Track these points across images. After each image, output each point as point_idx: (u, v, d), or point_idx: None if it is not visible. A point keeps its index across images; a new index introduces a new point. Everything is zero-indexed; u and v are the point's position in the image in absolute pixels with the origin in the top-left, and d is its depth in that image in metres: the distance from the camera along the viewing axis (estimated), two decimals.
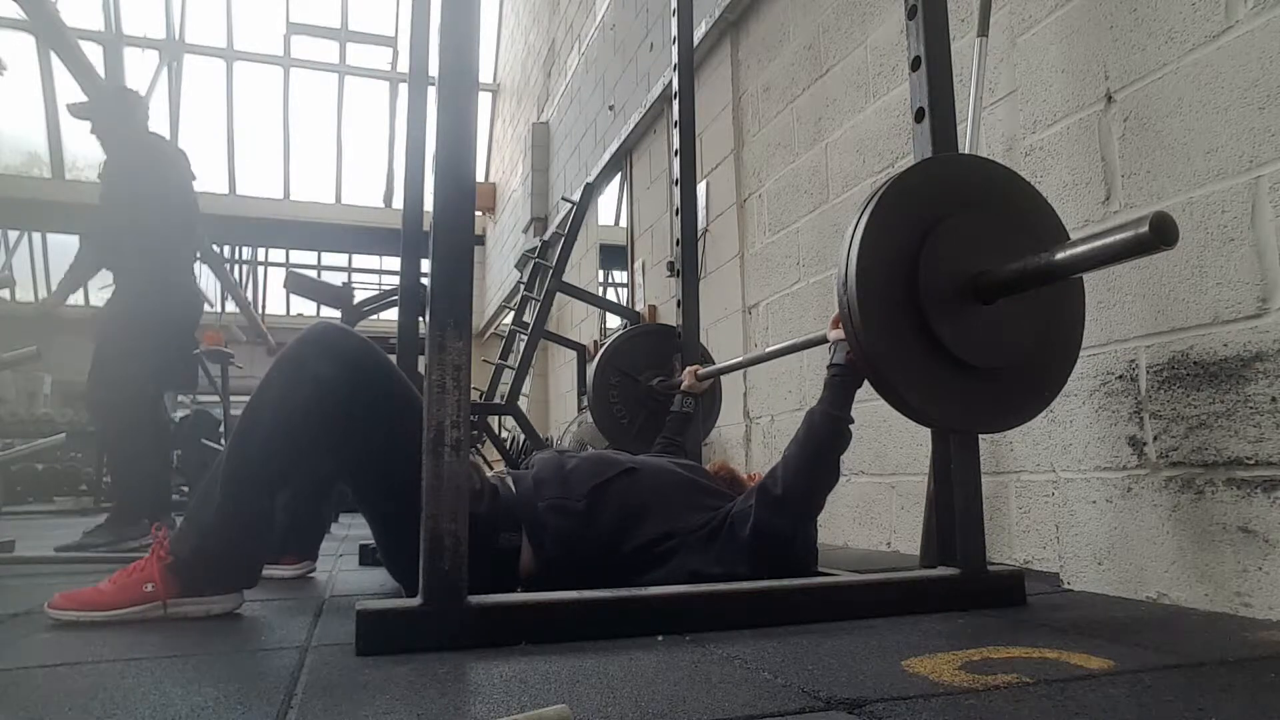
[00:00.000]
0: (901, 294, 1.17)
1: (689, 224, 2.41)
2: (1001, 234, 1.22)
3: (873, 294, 1.15)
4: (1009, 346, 1.22)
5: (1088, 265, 1.07)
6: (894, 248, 1.18)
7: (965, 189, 1.25)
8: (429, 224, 1.23)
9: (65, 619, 1.26)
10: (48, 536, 3.55)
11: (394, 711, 0.77)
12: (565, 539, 1.31)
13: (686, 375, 2.17)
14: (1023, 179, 1.32)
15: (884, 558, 2.18)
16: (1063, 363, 1.30)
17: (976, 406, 1.23)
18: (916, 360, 1.18)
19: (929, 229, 1.19)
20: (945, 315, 1.18)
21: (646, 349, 2.53)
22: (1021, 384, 1.25)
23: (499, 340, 5.03)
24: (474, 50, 1.18)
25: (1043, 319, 1.25)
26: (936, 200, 1.22)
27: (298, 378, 1.26)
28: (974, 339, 1.19)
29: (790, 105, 2.96)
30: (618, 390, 2.49)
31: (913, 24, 1.43)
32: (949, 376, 1.19)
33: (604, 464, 1.42)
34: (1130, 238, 0.94)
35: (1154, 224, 0.91)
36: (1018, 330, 1.23)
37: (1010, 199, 1.28)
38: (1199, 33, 1.33)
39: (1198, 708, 0.75)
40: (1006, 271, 1.16)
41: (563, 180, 6.84)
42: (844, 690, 0.81)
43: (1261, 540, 1.20)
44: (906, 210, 1.20)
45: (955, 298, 1.19)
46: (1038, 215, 1.29)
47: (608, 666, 0.93)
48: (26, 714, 0.77)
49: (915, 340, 1.18)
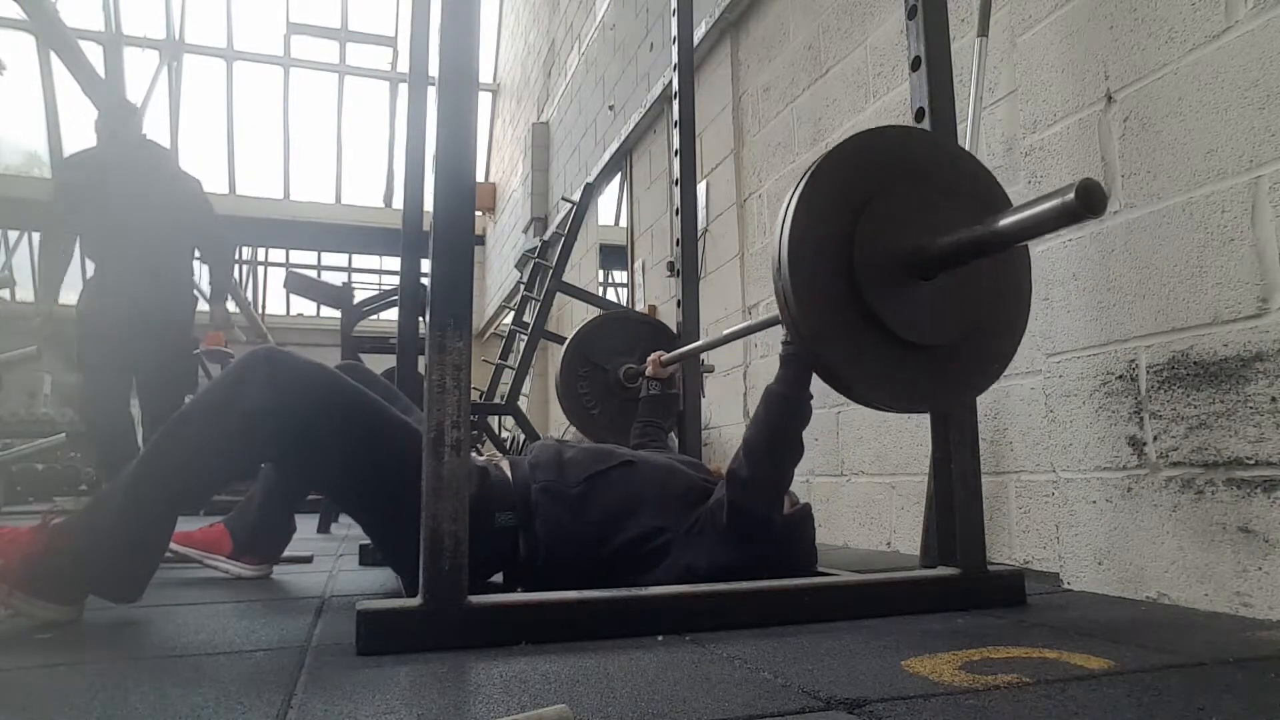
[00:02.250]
0: (837, 274, 1.13)
1: (689, 224, 2.41)
2: (942, 206, 1.18)
3: (806, 276, 1.11)
4: (953, 321, 1.18)
5: (1020, 236, 1.04)
6: (828, 226, 1.14)
7: (903, 161, 1.21)
8: (429, 224, 1.23)
9: None
10: None
11: (394, 711, 0.77)
12: (555, 523, 1.31)
13: (650, 362, 2.18)
14: (962, 148, 1.28)
15: (884, 558, 2.18)
16: (1010, 334, 1.26)
17: (922, 385, 1.19)
18: (857, 342, 1.14)
19: (864, 205, 1.15)
20: (884, 294, 1.14)
21: (616, 336, 2.44)
22: (968, 359, 1.22)
23: (499, 340, 5.03)
24: (474, 50, 1.18)
25: (987, 291, 1.21)
26: (872, 174, 1.18)
27: (227, 405, 1.22)
28: (916, 316, 1.15)
29: (790, 105, 2.96)
30: (586, 380, 2.41)
31: (913, 24, 1.43)
32: (892, 356, 1.16)
33: (603, 455, 1.43)
34: (1057, 206, 0.92)
35: (1079, 192, 0.89)
36: (961, 304, 1.19)
37: (951, 169, 1.24)
38: (1199, 33, 1.33)
39: (1198, 708, 0.75)
40: (941, 245, 1.12)
41: (563, 180, 6.84)
42: (844, 690, 0.81)
43: (1261, 540, 1.20)
44: (840, 186, 1.16)
45: (894, 275, 1.15)
46: (980, 184, 1.25)
47: (608, 666, 0.93)
48: (26, 714, 0.77)
49: (854, 322, 1.14)
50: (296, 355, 1.28)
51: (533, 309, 4.07)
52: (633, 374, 2.34)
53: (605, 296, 5.42)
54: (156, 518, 1.26)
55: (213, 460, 1.25)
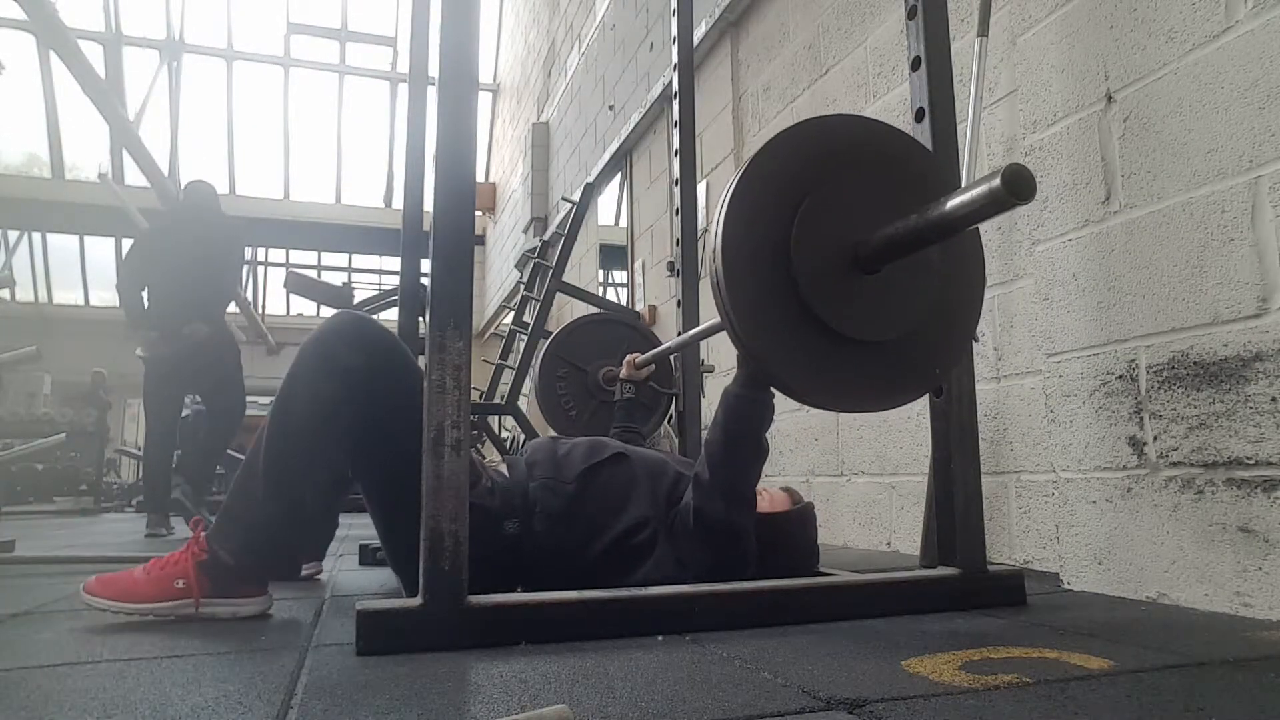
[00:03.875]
0: (774, 274, 1.09)
1: (689, 224, 2.41)
2: (885, 197, 1.13)
3: (741, 277, 1.08)
4: (897, 316, 1.14)
5: (955, 223, 1.01)
6: (764, 223, 1.10)
7: (841, 152, 1.17)
8: (429, 224, 1.23)
9: (97, 606, 1.24)
10: (48, 536, 3.55)
11: (394, 711, 0.77)
12: (553, 518, 1.32)
13: (625, 364, 2.17)
14: (905, 134, 1.25)
15: (884, 558, 2.18)
16: (962, 328, 1.22)
17: (869, 384, 1.15)
18: (797, 343, 1.10)
19: (801, 199, 1.11)
20: (824, 290, 1.10)
21: (596, 338, 2.42)
22: (916, 355, 1.18)
23: (499, 340, 5.02)
24: (474, 50, 1.18)
25: (936, 284, 1.17)
26: (809, 167, 1.14)
27: (327, 369, 1.26)
28: (858, 313, 1.11)
29: (790, 105, 2.96)
30: (565, 382, 2.40)
31: (913, 24, 1.43)
32: (834, 355, 1.12)
33: (596, 448, 1.43)
34: (985, 192, 0.91)
35: (1006, 177, 0.87)
36: (907, 298, 1.15)
37: (893, 157, 1.19)
38: (1199, 33, 1.33)
39: (1198, 708, 0.75)
40: (878, 238, 1.09)
41: (563, 180, 6.84)
42: (844, 690, 0.81)
43: (1261, 540, 1.20)
44: (775, 181, 1.12)
45: (835, 270, 1.11)
46: (924, 171, 1.21)
47: (607, 666, 0.93)
48: (26, 714, 0.77)
49: (794, 322, 1.10)
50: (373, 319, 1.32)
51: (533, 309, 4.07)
52: (612, 376, 2.33)
53: (605, 296, 5.42)
54: (296, 498, 1.29)
55: (327, 427, 1.26)
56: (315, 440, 1.27)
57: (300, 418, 1.27)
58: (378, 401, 1.26)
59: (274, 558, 1.33)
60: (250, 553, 1.29)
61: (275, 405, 1.29)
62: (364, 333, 1.29)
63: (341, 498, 1.81)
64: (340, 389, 1.25)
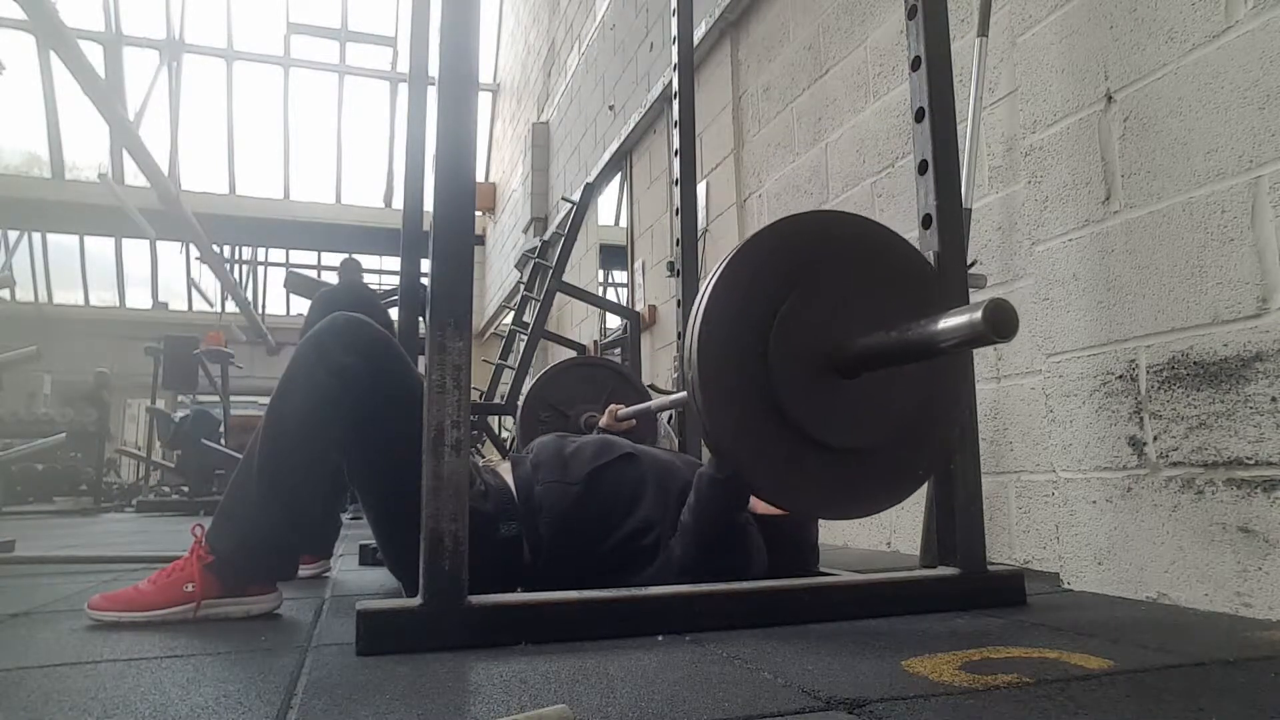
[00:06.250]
0: (751, 372, 1.07)
1: (689, 224, 2.41)
2: (870, 299, 1.10)
3: (715, 373, 1.06)
4: (875, 424, 1.11)
5: (930, 349, 0.98)
6: (741, 323, 1.07)
7: (827, 249, 1.14)
8: (429, 224, 1.23)
9: (105, 619, 1.24)
10: (48, 536, 3.55)
11: (394, 711, 0.77)
12: (559, 520, 1.31)
13: (606, 414, 2.15)
14: (893, 232, 1.23)
15: (884, 558, 2.18)
16: (945, 437, 1.20)
17: (842, 491, 1.12)
18: (769, 444, 1.07)
19: (784, 296, 1.08)
20: (800, 394, 1.06)
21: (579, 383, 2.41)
22: (893, 463, 1.15)
23: (499, 340, 5.03)
24: (474, 50, 1.18)
25: (918, 391, 1.13)
26: (795, 263, 1.11)
27: (323, 369, 1.26)
28: (835, 418, 1.08)
29: (790, 105, 2.96)
30: (547, 426, 2.38)
31: (913, 24, 1.43)
32: (808, 460, 1.09)
33: (605, 447, 1.42)
34: (965, 324, 0.89)
35: (987, 313, 0.86)
36: (886, 405, 1.11)
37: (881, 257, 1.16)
38: (1199, 33, 1.33)
39: (1198, 708, 0.75)
40: (856, 347, 1.06)
41: (563, 180, 6.84)
42: (844, 690, 0.81)
43: (1261, 540, 1.20)
44: (757, 277, 1.09)
45: (814, 373, 1.08)
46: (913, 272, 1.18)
47: (608, 666, 0.93)
48: (26, 714, 0.77)
49: (768, 423, 1.07)
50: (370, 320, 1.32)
51: (533, 309, 4.07)
52: (593, 423, 2.32)
53: (605, 297, 5.42)
54: (293, 496, 1.29)
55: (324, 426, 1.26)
56: (311, 440, 1.27)
57: (296, 417, 1.27)
58: (373, 401, 1.26)
59: (270, 558, 1.32)
60: (246, 552, 1.28)
61: (271, 405, 1.29)
62: (360, 333, 1.29)
63: (340, 497, 1.81)
64: (336, 389, 1.25)
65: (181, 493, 6.10)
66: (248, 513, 1.28)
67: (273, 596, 1.33)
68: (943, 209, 1.38)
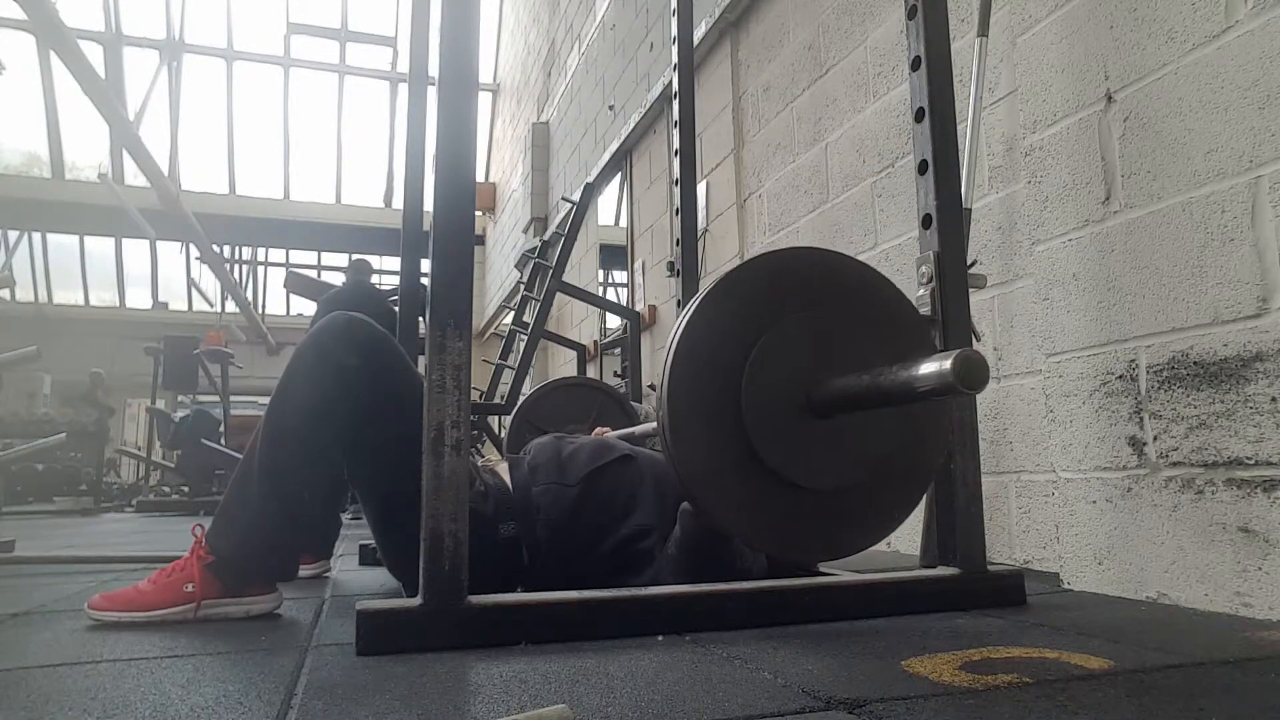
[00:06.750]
0: (724, 411, 1.06)
1: (689, 224, 2.41)
2: (847, 339, 1.10)
3: (688, 413, 1.06)
4: (850, 465, 1.10)
5: (901, 396, 0.98)
6: (716, 359, 1.07)
7: (804, 287, 1.14)
8: (429, 224, 1.23)
9: (106, 619, 1.24)
10: (48, 536, 3.55)
11: (394, 711, 0.77)
12: (556, 522, 1.31)
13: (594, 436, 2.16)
14: (874, 270, 1.23)
15: (884, 558, 2.18)
16: (920, 479, 1.19)
17: (814, 532, 1.12)
18: (740, 484, 1.06)
19: (759, 334, 1.07)
20: (773, 434, 1.06)
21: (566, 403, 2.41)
22: (867, 505, 1.15)
23: (499, 340, 5.03)
24: (474, 50, 1.18)
25: (894, 431, 1.13)
26: (769, 301, 1.11)
27: (322, 368, 1.26)
28: (808, 459, 1.08)
29: (790, 105, 2.96)
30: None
31: (913, 24, 1.43)
32: (780, 500, 1.08)
33: (602, 449, 1.42)
34: (934, 374, 0.90)
35: (957, 366, 0.86)
36: (862, 446, 1.10)
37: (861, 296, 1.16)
38: (1199, 33, 1.33)
39: (1198, 708, 0.75)
40: (830, 389, 1.06)
41: (563, 180, 6.84)
42: (844, 690, 0.81)
43: (1261, 540, 1.20)
44: (733, 316, 1.08)
45: (788, 413, 1.08)
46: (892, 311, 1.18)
47: (608, 666, 0.93)
48: (26, 714, 0.77)
49: (738, 462, 1.06)
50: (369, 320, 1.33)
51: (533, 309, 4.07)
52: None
53: (605, 297, 5.43)
54: (294, 495, 1.29)
55: (324, 425, 1.26)
56: (311, 440, 1.27)
57: (296, 417, 1.27)
58: (373, 401, 1.26)
59: (271, 558, 1.32)
60: (246, 552, 1.28)
61: (271, 405, 1.29)
62: (359, 333, 1.29)
63: (340, 497, 1.80)
64: (336, 388, 1.25)
65: (181, 493, 6.11)
66: (248, 513, 1.28)
67: (273, 597, 1.33)
68: (943, 209, 1.38)
